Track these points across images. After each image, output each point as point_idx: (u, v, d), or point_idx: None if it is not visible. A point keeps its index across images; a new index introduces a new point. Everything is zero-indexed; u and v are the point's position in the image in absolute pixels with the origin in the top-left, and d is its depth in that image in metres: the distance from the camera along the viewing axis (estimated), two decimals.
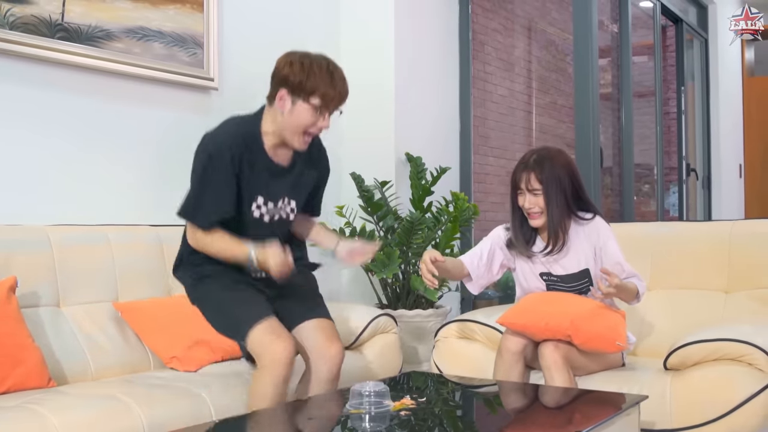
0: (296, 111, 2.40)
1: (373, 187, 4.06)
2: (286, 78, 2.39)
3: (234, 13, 3.75)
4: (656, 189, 6.08)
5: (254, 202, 2.48)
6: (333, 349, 2.50)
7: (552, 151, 2.78)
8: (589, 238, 2.74)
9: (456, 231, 3.93)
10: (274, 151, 2.50)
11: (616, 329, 2.58)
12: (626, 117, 5.40)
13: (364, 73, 4.33)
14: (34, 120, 2.97)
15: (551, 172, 2.68)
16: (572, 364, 2.57)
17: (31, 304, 2.63)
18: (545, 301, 2.68)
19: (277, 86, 2.42)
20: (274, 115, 2.45)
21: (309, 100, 2.39)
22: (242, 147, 2.43)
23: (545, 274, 2.77)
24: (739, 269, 3.05)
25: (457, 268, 2.84)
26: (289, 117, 2.41)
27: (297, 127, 2.42)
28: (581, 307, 2.61)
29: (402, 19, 4.35)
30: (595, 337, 2.55)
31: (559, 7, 6.35)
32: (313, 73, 2.38)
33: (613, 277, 2.48)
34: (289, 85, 2.39)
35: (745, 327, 2.58)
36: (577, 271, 2.73)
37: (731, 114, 7.95)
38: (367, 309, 3.32)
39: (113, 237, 2.96)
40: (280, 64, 2.43)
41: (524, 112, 5.98)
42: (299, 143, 2.46)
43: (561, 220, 2.70)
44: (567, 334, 2.54)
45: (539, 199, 2.69)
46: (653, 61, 6.03)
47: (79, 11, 3.05)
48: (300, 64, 2.39)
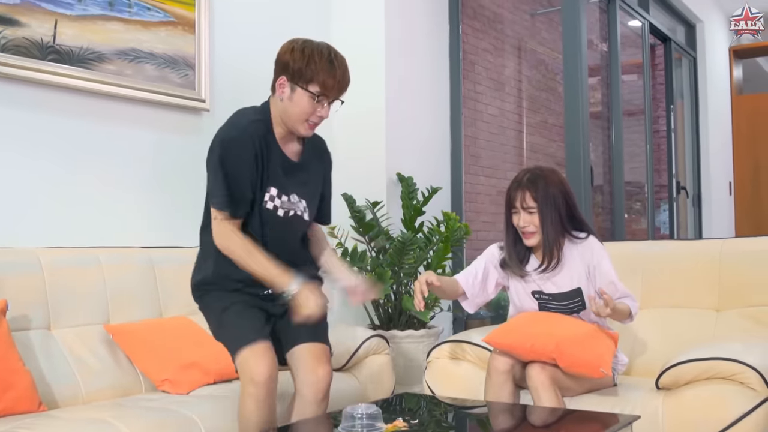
0: (295, 98, 2.38)
1: (364, 207, 4.07)
2: (287, 64, 2.37)
3: (225, 35, 3.77)
4: (647, 207, 6.10)
5: (267, 193, 2.43)
6: (320, 371, 2.47)
7: (545, 170, 2.80)
8: (582, 257, 2.75)
9: (447, 251, 3.94)
10: (284, 143, 2.48)
11: (601, 355, 2.56)
12: (616, 135, 5.43)
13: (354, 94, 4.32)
14: (25, 142, 2.97)
15: (545, 191, 2.70)
16: (560, 384, 2.56)
17: (22, 328, 2.62)
18: (533, 322, 2.68)
19: (278, 73, 2.41)
20: (276, 103, 2.44)
21: (308, 87, 2.36)
22: (260, 135, 2.40)
23: (537, 292, 2.78)
24: (730, 287, 3.06)
25: (451, 287, 2.84)
26: (289, 104, 2.39)
27: (297, 114, 2.40)
28: (568, 330, 2.60)
29: (393, 39, 4.38)
30: (580, 361, 2.54)
31: (549, 27, 6.39)
32: (314, 60, 2.35)
33: (608, 299, 2.49)
34: (288, 71, 2.37)
35: (737, 346, 2.58)
36: (570, 289, 2.74)
37: (720, 132, 8.00)
38: (359, 330, 3.32)
39: (104, 259, 2.96)
40: (282, 50, 2.41)
41: (515, 131, 6.00)
42: (304, 130, 2.44)
43: (556, 238, 2.71)
44: (552, 357, 2.53)
45: (534, 217, 2.70)
46: (642, 79, 6.07)
47: (70, 33, 3.06)
48: (301, 51, 2.36)
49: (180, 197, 3.44)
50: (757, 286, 3.02)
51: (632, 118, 6.23)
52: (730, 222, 8.20)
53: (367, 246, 4.04)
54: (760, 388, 2.39)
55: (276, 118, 2.45)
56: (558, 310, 2.75)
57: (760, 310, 2.98)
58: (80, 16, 3.09)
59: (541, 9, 6.35)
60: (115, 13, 3.22)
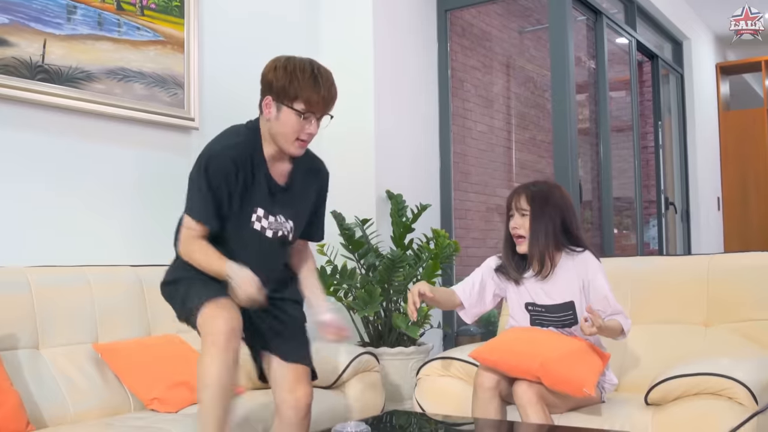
0: (282, 117, 2.34)
1: (354, 224, 4.07)
2: (270, 84, 2.35)
3: (214, 54, 3.78)
4: (636, 222, 6.12)
5: (254, 213, 2.41)
6: (299, 391, 2.47)
7: (550, 183, 2.87)
8: (577, 271, 2.76)
9: (437, 268, 3.94)
10: (273, 162, 2.44)
11: (585, 375, 2.54)
12: (605, 151, 5.45)
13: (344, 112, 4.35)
14: (14, 161, 2.97)
15: (542, 199, 2.75)
16: (547, 401, 2.56)
17: (10, 347, 2.61)
18: (519, 340, 2.68)
19: (264, 93, 2.38)
20: (263, 123, 2.41)
21: (293, 105, 2.33)
22: (246, 155, 2.37)
23: (530, 304, 2.78)
24: (718, 303, 3.07)
25: (448, 298, 2.87)
26: (276, 123, 2.36)
27: (286, 134, 2.36)
28: (553, 349, 2.60)
29: (382, 57, 4.40)
30: (564, 381, 2.53)
31: (537, 45, 6.43)
32: (296, 77, 2.31)
33: (596, 317, 2.50)
34: (273, 91, 2.34)
35: (725, 361, 2.59)
36: (562, 302, 2.74)
37: (708, 147, 8.05)
38: (348, 347, 3.31)
39: (93, 278, 2.95)
40: (265, 69, 2.39)
41: (504, 147, 6.03)
42: (294, 149, 2.40)
43: (546, 246, 2.73)
44: (536, 376, 2.53)
45: (525, 220, 2.74)
46: (630, 96, 6.11)
47: (59, 53, 3.07)
48: (283, 69, 2.33)
49: (169, 215, 3.40)
50: (745, 301, 3.03)
51: (620, 134, 6.26)
52: (718, 237, 8.24)
53: (356, 263, 4.04)
54: (748, 403, 2.40)
55: (266, 137, 2.42)
56: (550, 323, 2.75)
57: (749, 325, 2.99)
58: (69, 36, 3.10)
59: (529, 27, 6.39)
60: (104, 32, 3.24)
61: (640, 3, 6.42)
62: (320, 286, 2.68)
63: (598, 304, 2.67)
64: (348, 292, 3.99)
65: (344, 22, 4.44)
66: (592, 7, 5.29)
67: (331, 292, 3.92)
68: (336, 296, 3.93)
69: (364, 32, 4.36)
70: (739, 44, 8.74)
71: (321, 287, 2.68)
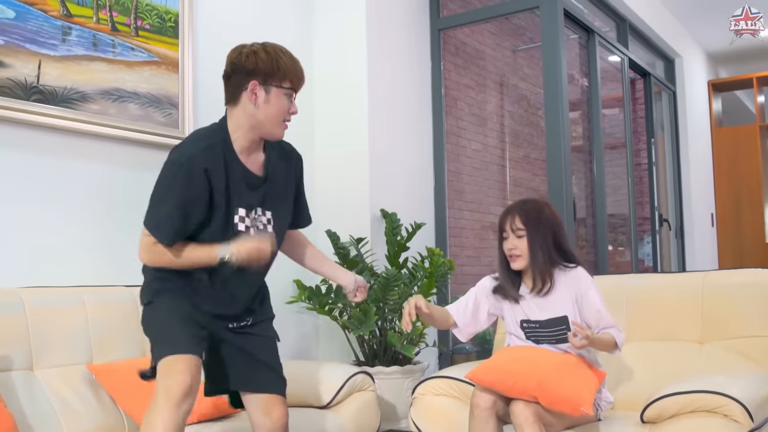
0: (273, 99, 2.33)
1: (348, 243, 4.08)
2: (254, 69, 2.32)
3: (209, 74, 3.79)
4: (630, 239, 6.13)
5: (236, 215, 2.36)
6: (275, 414, 2.46)
7: (538, 200, 2.89)
8: (570, 286, 2.77)
9: (432, 286, 3.94)
10: (246, 156, 2.39)
11: (581, 393, 2.54)
12: (598, 168, 5.48)
13: (338, 131, 4.39)
14: (8, 181, 2.97)
15: (536, 216, 2.77)
16: (544, 420, 2.55)
17: (4, 368, 2.60)
18: (515, 360, 2.68)
19: (245, 80, 2.33)
20: (244, 113, 2.35)
21: (282, 85, 2.34)
22: (217, 158, 2.31)
23: (525, 321, 2.79)
24: (713, 320, 3.08)
25: (442, 316, 2.88)
26: (267, 107, 2.33)
27: (276, 116, 2.35)
28: (549, 368, 2.60)
29: (375, 76, 4.42)
30: (561, 400, 2.53)
31: (530, 63, 6.47)
32: (279, 57, 2.34)
33: (582, 329, 2.51)
34: (259, 74, 2.32)
35: (721, 378, 2.59)
36: (556, 316, 2.75)
37: (701, 164, 8.09)
38: (343, 367, 3.31)
39: (88, 298, 2.94)
40: (240, 58, 2.35)
41: (498, 165, 6.05)
42: (281, 131, 2.40)
43: (545, 263, 2.76)
44: (533, 396, 2.53)
45: (521, 241, 2.75)
46: (623, 113, 6.14)
47: (54, 74, 3.07)
48: (264, 52, 2.34)
49: None
50: (740, 318, 3.03)
51: (614, 152, 6.29)
52: (713, 253, 8.26)
53: None
54: (743, 420, 2.39)
55: (236, 132, 2.37)
56: (545, 338, 2.75)
57: (743, 342, 3.00)
58: (64, 57, 3.11)
59: (522, 45, 6.43)
60: (99, 53, 3.25)
61: (632, 21, 6.46)
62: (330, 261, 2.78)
63: (591, 318, 2.71)
64: (343, 311, 3.99)
65: (338, 41, 4.46)
66: (584, 25, 5.33)
67: (326, 311, 3.92)
68: (331, 315, 3.93)
69: (358, 52, 4.38)
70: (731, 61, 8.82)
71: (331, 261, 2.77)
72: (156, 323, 2.40)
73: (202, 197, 2.29)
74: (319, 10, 4.54)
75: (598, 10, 6.03)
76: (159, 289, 2.40)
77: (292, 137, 2.62)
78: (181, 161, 2.28)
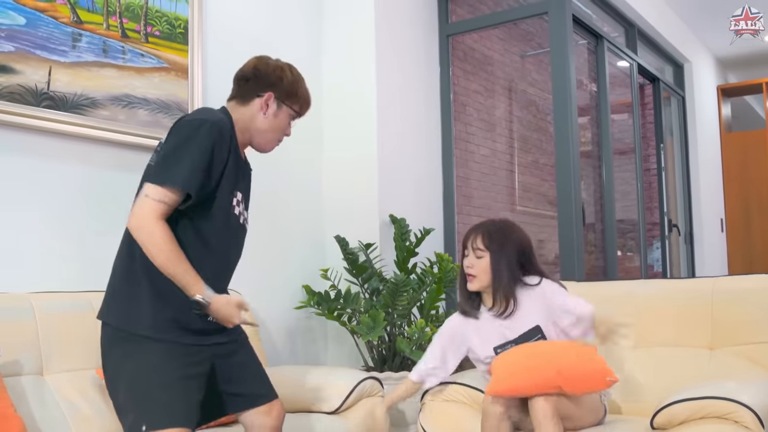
0: (280, 116, 2.39)
1: (357, 249, 4.08)
2: (277, 83, 2.37)
3: (218, 80, 3.80)
4: (639, 245, 6.12)
5: (234, 197, 2.33)
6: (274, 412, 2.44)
7: (507, 222, 2.93)
8: (536, 299, 2.82)
9: (441, 292, 3.94)
10: (241, 148, 2.42)
11: (601, 366, 2.62)
12: (607, 174, 5.46)
13: (347, 137, 4.40)
14: (19, 187, 2.98)
15: (500, 237, 2.82)
16: (562, 414, 2.56)
17: (13, 373, 2.60)
18: (526, 358, 2.67)
19: (264, 88, 2.37)
20: (249, 115, 2.37)
21: (293, 107, 2.41)
22: (231, 136, 2.31)
23: (498, 347, 2.82)
24: (723, 326, 3.07)
25: (409, 391, 3.00)
26: (272, 120, 2.38)
27: (275, 130, 2.40)
28: (562, 354, 2.64)
29: (384, 83, 4.42)
30: (586, 378, 2.57)
31: (539, 68, 6.46)
32: (300, 81, 2.43)
33: None
34: (279, 89, 2.37)
35: (731, 384, 2.58)
36: (528, 329, 2.79)
37: (710, 169, 8.06)
38: (352, 372, 3.31)
39: (97, 304, 2.90)
40: (267, 68, 2.39)
41: (507, 171, 6.04)
42: (272, 147, 2.45)
43: (508, 284, 2.79)
44: (557, 385, 2.53)
45: (480, 261, 2.82)
46: (632, 118, 6.13)
47: (65, 80, 3.09)
48: (290, 71, 2.41)
49: None
50: (750, 324, 3.02)
51: (623, 157, 6.27)
52: (722, 259, 8.23)
53: (360, 288, 4.04)
54: (754, 427, 2.38)
55: (238, 127, 2.37)
56: None
57: (754, 348, 2.98)
58: (74, 63, 3.13)
59: (531, 51, 6.43)
60: (109, 59, 3.26)
61: (641, 27, 6.46)
62: None
63: (566, 322, 2.77)
64: (352, 316, 3.99)
65: (347, 46, 4.47)
66: (593, 31, 5.33)
67: (335, 316, 3.92)
68: (340, 321, 3.93)
69: (367, 58, 4.39)
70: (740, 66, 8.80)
71: None
72: (144, 380, 2.15)
73: (221, 165, 2.23)
74: (329, 17, 4.55)
75: (606, 15, 6.02)
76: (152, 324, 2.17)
77: (301, 142, 2.64)
78: (211, 121, 2.21)
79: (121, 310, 2.22)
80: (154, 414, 2.10)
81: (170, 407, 2.11)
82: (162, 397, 2.11)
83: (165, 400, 2.11)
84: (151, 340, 2.16)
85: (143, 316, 2.18)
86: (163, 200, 2.15)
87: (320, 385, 3.16)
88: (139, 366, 2.15)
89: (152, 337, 2.16)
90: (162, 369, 2.14)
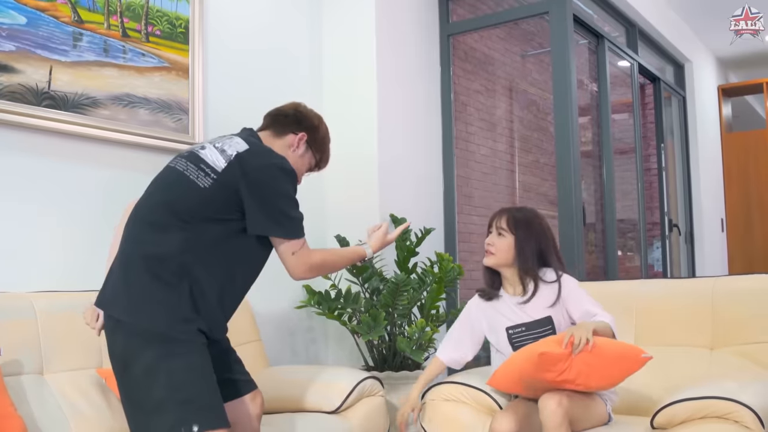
0: (304, 158, 2.55)
1: None
2: (314, 129, 2.56)
3: (219, 79, 3.81)
4: (640, 245, 6.11)
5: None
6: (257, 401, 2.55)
7: (534, 211, 2.96)
8: (553, 293, 2.84)
9: (441, 292, 3.94)
10: None
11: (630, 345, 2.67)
12: (608, 173, 5.46)
13: (347, 137, 4.39)
14: (20, 187, 2.99)
15: (525, 221, 2.86)
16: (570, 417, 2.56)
17: (14, 372, 2.60)
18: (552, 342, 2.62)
19: (302, 129, 2.53)
20: (281, 149, 2.48)
21: (315, 155, 2.58)
22: None
23: (510, 327, 2.85)
24: (723, 325, 3.07)
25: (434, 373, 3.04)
26: (298, 159, 2.52)
27: (297, 169, 2.48)
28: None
29: (385, 82, 4.42)
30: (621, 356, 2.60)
31: (539, 68, 6.46)
32: (329, 141, 2.63)
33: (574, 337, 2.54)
34: (311, 134, 2.54)
35: (731, 384, 2.58)
36: (541, 317, 2.81)
37: (711, 169, 8.06)
38: (352, 372, 3.31)
39: None
40: (309, 113, 2.58)
41: (507, 170, 6.04)
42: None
43: (531, 267, 2.83)
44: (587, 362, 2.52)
45: (501, 240, 2.85)
46: (633, 118, 6.12)
47: (65, 79, 3.09)
48: (326, 127, 2.62)
49: None
50: (750, 323, 3.03)
51: (623, 157, 6.27)
52: (723, 259, 8.23)
53: (360, 287, 4.04)
54: (755, 426, 2.38)
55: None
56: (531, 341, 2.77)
57: (754, 348, 2.99)
58: (75, 62, 3.13)
59: (531, 50, 6.43)
60: (109, 59, 3.26)
61: (642, 26, 6.46)
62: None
63: (581, 319, 2.76)
64: (352, 316, 3.99)
65: (348, 48, 4.47)
66: (594, 31, 5.32)
67: (335, 316, 3.92)
68: (340, 320, 3.93)
69: (368, 58, 4.39)
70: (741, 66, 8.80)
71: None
72: (193, 380, 2.19)
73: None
74: (329, 17, 4.55)
75: (607, 15, 6.02)
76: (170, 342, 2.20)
77: None
78: (292, 170, 2.38)
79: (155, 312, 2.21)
80: (205, 414, 2.14)
81: (220, 408, 2.19)
82: (214, 398, 2.19)
83: (216, 401, 2.19)
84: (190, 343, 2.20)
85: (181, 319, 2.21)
86: (300, 248, 2.41)
87: (320, 384, 3.16)
88: (185, 365, 2.17)
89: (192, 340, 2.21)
90: (208, 370, 2.21)
